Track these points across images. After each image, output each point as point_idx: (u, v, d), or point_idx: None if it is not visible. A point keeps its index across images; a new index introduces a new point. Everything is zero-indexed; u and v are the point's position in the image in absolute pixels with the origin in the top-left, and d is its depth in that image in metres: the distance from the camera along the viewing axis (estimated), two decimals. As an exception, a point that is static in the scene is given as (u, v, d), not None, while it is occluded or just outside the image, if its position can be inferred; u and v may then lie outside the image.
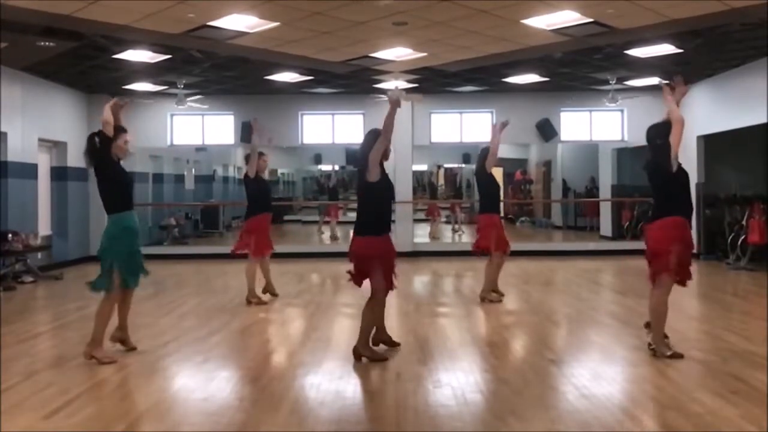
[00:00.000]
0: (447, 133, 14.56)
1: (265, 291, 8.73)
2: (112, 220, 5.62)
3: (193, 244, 16.51)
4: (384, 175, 5.59)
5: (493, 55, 10.16)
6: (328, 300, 8.98)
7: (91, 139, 5.72)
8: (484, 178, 8.38)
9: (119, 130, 5.75)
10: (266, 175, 8.99)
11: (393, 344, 5.94)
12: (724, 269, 11.55)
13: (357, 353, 5.55)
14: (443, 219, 19.91)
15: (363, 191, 5.60)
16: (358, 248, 5.52)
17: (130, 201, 5.75)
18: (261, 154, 8.50)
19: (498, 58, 10.42)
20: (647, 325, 5.95)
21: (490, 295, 8.38)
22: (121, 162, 5.82)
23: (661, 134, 5.61)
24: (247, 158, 8.54)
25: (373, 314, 5.62)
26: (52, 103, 12.42)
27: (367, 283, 5.60)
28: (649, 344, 5.64)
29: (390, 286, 5.61)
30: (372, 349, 5.63)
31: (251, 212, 8.47)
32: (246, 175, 8.51)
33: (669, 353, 5.48)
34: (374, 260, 5.47)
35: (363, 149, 5.62)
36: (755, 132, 11.47)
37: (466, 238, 17.08)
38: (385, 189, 5.60)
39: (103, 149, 5.63)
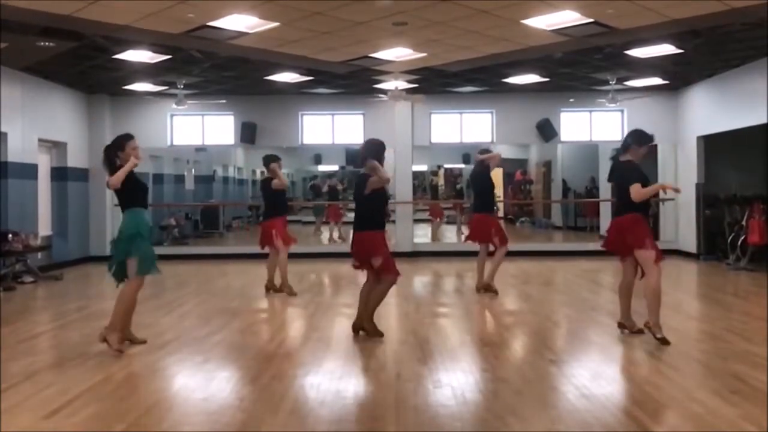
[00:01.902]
0: (447, 134, 14.56)
1: (269, 288, 9.07)
2: (127, 215, 5.90)
3: (193, 244, 16.50)
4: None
5: (493, 55, 10.16)
6: (328, 300, 8.98)
7: (106, 151, 5.98)
8: (484, 180, 8.79)
9: (125, 137, 6.00)
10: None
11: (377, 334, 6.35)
12: (724, 269, 11.55)
13: (357, 327, 6.31)
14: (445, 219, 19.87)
15: (363, 198, 6.27)
16: (369, 240, 6.19)
17: (143, 200, 6.03)
18: (277, 159, 9.04)
19: (498, 58, 10.42)
20: (621, 326, 6.34)
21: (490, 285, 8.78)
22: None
23: (639, 140, 6.26)
24: (270, 169, 9.04)
25: (381, 296, 6.29)
26: (52, 103, 12.42)
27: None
28: (647, 323, 6.01)
29: (398, 271, 6.26)
30: (374, 325, 6.28)
31: (271, 214, 9.10)
32: (269, 184, 9.02)
33: (660, 336, 5.89)
34: (384, 248, 6.19)
35: (365, 156, 6.30)
36: (755, 132, 11.46)
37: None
38: (381, 195, 6.32)
39: (114, 161, 5.89)
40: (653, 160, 14.96)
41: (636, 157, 6.25)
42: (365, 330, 6.30)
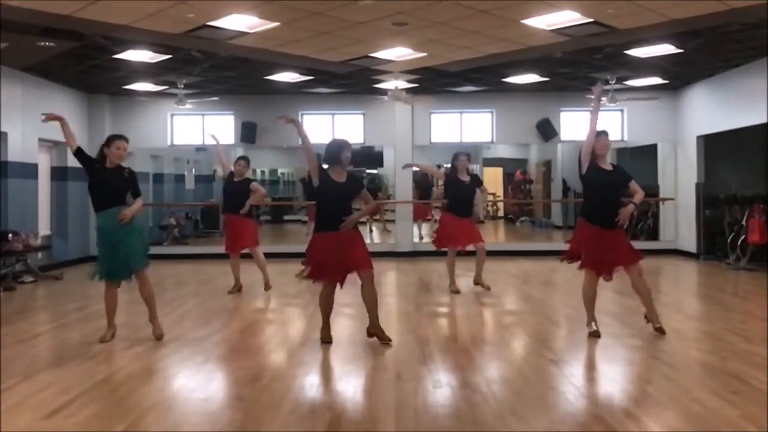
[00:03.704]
0: (447, 133, 14.56)
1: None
2: (96, 219, 6.29)
3: (193, 244, 16.49)
4: (330, 180, 5.99)
5: (493, 55, 10.16)
6: (328, 300, 8.97)
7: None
8: (455, 182, 9.03)
9: (113, 137, 6.27)
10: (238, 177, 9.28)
11: (328, 341, 6.18)
12: (724, 269, 11.55)
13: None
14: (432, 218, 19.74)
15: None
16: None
17: (107, 201, 6.14)
18: (239, 158, 9.32)
19: (498, 58, 10.43)
20: (646, 317, 6.38)
21: (452, 286, 9.17)
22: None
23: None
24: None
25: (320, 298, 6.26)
26: (52, 103, 12.37)
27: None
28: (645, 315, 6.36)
29: (320, 276, 6.06)
30: (323, 330, 6.21)
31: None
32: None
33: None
34: (311, 250, 6.04)
35: (334, 155, 6.03)
36: (755, 132, 11.47)
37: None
38: (333, 191, 5.99)
39: (102, 153, 6.23)
40: (653, 160, 14.99)
41: (598, 151, 6.24)
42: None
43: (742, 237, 11.48)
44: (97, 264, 6.23)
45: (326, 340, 6.14)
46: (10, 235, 10.31)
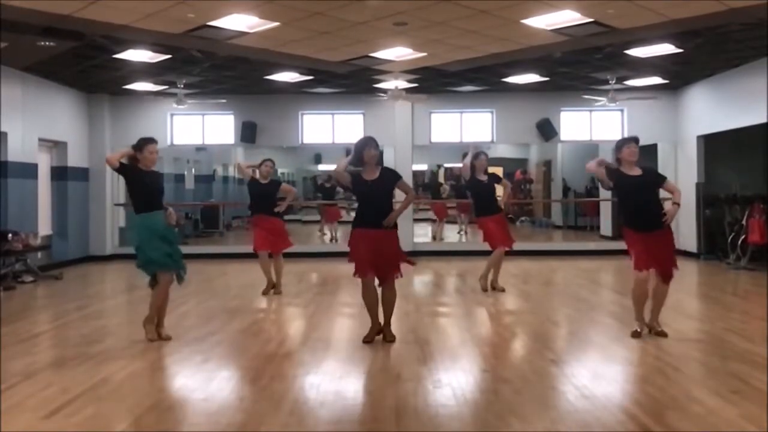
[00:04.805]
0: (447, 133, 14.56)
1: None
2: (138, 220, 6.25)
3: (193, 244, 16.46)
4: (362, 181, 6.14)
5: (493, 55, 10.16)
6: (328, 300, 8.97)
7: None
8: (475, 183, 8.97)
9: (145, 141, 6.25)
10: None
11: (369, 340, 6.17)
12: (724, 269, 11.55)
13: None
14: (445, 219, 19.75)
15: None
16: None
17: (152, 203, 6.25)
18: (266, 160, 9.20)
19: (498, 58, 10.43)
20: (648, 327, 6.29)
21: (482, 281, 9.10)
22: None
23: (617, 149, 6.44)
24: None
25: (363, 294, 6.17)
26: (52, 103, 12.42)
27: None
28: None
29: (358, 270, 6.01)
30: (372, 328, 6.15)
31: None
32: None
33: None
34: (350, 247, 6.12)
35: (358, 155, 6.05)
36: (755, 132, 11.47)
37: (471, 237, 17.02)
38: (366, 189, 6.13)
39: (128, 161, 6.26)
40: (653, 160, 14.98)
41: (627, 158, 6.34)
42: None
43: (742, 237, 11.48)
44: (148, 257, 6.14)
45: (368, 339, 6.10)
46: (10, 235, 10.31)
